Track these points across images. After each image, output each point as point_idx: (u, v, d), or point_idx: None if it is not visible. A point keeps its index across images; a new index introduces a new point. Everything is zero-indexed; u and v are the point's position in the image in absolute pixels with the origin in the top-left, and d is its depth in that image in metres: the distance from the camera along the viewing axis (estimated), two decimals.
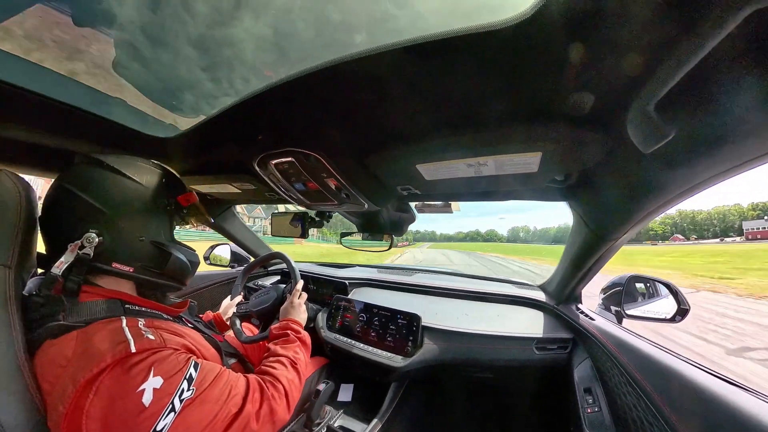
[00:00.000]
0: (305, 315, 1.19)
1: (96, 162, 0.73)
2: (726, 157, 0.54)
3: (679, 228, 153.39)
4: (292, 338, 1.00)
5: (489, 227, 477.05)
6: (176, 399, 0.57)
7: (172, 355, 0.63)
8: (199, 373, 0.64)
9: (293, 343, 0.98)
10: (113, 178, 0.73)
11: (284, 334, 1.01)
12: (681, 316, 1.16)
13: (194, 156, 1.16)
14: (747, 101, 0.44)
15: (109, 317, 0.64)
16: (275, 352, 0.92)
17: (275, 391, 0.77)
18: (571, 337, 1.35)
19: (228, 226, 2.01)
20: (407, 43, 0.49)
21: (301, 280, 1.31)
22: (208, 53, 0.71)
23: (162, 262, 0.77)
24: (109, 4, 0.65)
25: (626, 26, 0.40)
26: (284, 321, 1.08)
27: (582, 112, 0.59)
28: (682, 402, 0.76)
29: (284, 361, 0.89)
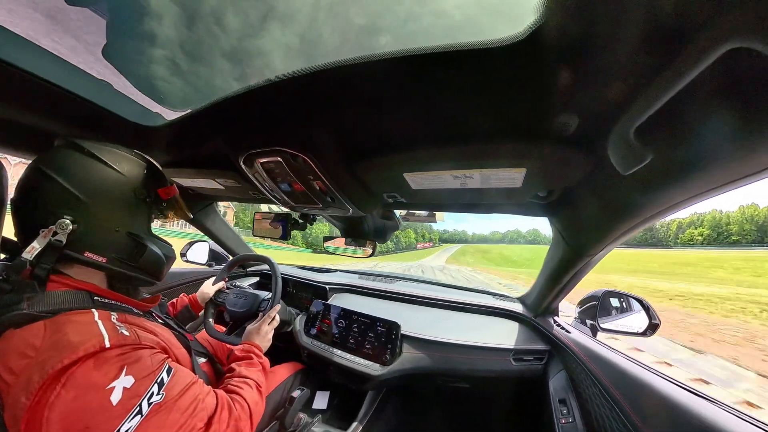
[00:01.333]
0: (269, 343, 1.14)
1: (77, 147, 0.70)
2: (696, 182, 0.57)
3: None
4: (256, 362, 0.98)
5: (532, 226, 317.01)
6: (145, 402, 0.56)
7: (146, 355, 0.61)
8: (171, 378, 0.63)
9: (256, 368, 0.96)
10: (93, 164, 0.70)
11: (248, 357, 0.99)
12: (652, 330, 1.21)
13: (179, 148, 1.13)
14: (717, 133, 0.47)
15: (79, 308, 0.62)
16: (240, 373, 0.91)
17: (242, 412, 0.78)
18: (547, 349, 1.38)
19: (208, 222, 1.95)
20: (402, 54, 0.50)
21: (278, 305, 1.26)
22: (240, 64, 0.72)
23: (137, 254, 0.75)
24: (150, 25, 0.66)
25: (613, 55, 0.43)
26: (247, 344, 1.05)
27: (567, 132, 0.62)
28: (652, 413, 0.79)
29: (251, 383, 0.88)
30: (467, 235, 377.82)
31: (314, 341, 1.53)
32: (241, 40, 0.94)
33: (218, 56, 0.67)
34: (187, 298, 1.40)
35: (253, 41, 1.66)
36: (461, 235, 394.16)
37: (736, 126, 0.44)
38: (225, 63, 0.68)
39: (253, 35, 2.18)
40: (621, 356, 1.03)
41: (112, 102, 0.88)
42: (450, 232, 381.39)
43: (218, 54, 0.67)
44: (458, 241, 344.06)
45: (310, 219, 1.52)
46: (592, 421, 1.01)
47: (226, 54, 0.61)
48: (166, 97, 0.86)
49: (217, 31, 0.74)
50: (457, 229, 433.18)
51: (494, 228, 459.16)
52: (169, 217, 0.92)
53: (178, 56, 0.68)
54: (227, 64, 0.69)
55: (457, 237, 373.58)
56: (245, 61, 0.82)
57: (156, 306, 0.89)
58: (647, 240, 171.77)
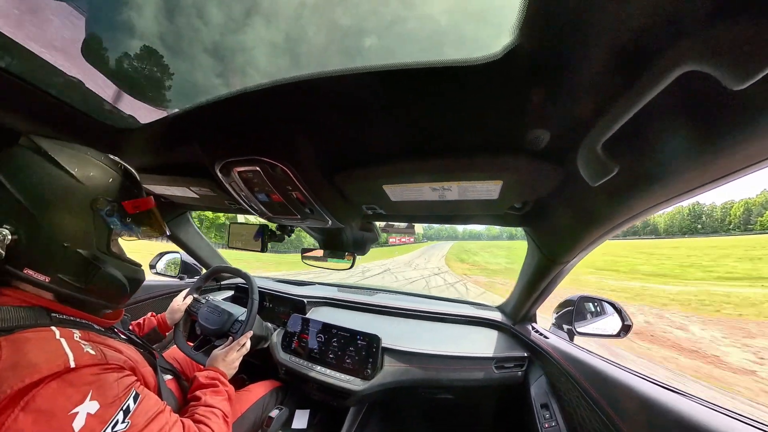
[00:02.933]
0: (234, 371, 1.08)
1: (34, 147, 0.63)
2: (657, 192, 0.62)
3: None
4: (221, 390, 0.93)
5: None
6: (109, 430, 0.52)
7: (113, 378, 0.58)
8: (138, 405, 0.59)
9: (222, 396, 0.91)
10: (47, 168, 0.62)
11: (213, 384, 0.93)
12: (625, 332, 1.26)
13: (152, 152, 1.07)
14: (675, 147, 0.52)
15: (37, 326, 0.56)
16: (206, 402, 0.85)
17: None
18: (526, 356, 1.40)
19: (181, 233, 1.86)
20: (383, 68, 0.51)
21: (250, 331, 1.20)
22: (222, 60, 0.69)
23: (87, 276, 0.67)
24: (128, 15, 0.63)
25: (580, 76, 0.46)
26: (212, 370, 0.99)
27: (539, 146, 0.65)
28: (630, 410, 0.82)
29: (217, 413, 0.83)
30: (457, 231, 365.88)
31: (292, 357, 1.48)
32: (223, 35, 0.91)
33: (200, 51, 0.65)
34: (156, 318, 1.30)
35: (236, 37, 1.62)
36: (450, 230, 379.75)
37: (691, 141, 0.49)
38: (207, 58, 0.66)
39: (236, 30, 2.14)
40: (598, 358, 1.07)
41: (81, 101, 0.81)
42: (435, 228, 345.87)
43: (200, 48, 0.65)
44: (446, 238, 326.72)
45: (288, 230, 1.49)
46: (574, 424, 1.03)
47: (208, 49, 0.59)
48: (145, 96, 0.82)
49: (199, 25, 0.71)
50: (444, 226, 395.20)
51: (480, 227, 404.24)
52: (138, 235, 0.84)
53: (159, 49, 0.65)
54: (209, 59, 0.66)
55: (444, 234, 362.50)
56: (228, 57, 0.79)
57: (118, 322, 0.82)
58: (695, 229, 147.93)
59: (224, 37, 0.66)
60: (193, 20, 0.63)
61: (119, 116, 0.87)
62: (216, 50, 0.68)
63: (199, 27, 0.63)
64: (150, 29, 0.63)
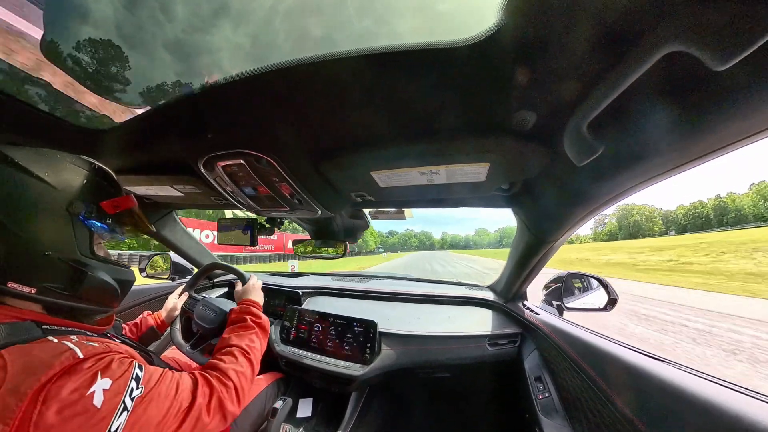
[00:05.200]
0: (262, 300, 1.18)
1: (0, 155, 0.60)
2: (641, 171, 0.63)
3: None
4: (250, 324, 0.98)
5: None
6: (127, 398, 0.57)
7: (116, 359, 0.60)
8: (145, 373, 0.63)
9: (250, 330, 0.96)
10: (16, 176, 0.60)
11: (242, 318, 0.99)
12: (611, 305, 1.31)
13: (131, 152, 1.03)
14: (658, 126, 0.52)
15: (33, 339, 0.56)
16: (228, 342, 0.91)
17: (223, 386, 0.77)
18: (519, 332, 1.45)
19: (168, 233, 1.82)
20: (367, 52, 0.50)
21: (253, 275, 1.29)
22: (184, 59, 0.66)
23: (74, 282, 0.65)
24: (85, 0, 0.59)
25: (565, 57, 0.46)
26: (244, 303, 1.05)
27: (525, 128, 0.65)
28: (616, 378, 0.86)
29: (235, 352, 0.88)
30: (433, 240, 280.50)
31: (291, 348, 1.49)
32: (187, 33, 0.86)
33: (159, 46, 0.62)
34: (152, 317, 1.30)
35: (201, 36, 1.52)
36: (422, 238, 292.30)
37: (674, 121, 0.49)
38: (166, 54, 0.63)
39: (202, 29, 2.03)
40: (586, 331, 1.11)
41: (50, 103, 0.77)
42: (400, 234, 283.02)
43: (160, 43, 0.61)
44: (416, 248, 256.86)
45: (278, 222, 1.47)
46: (566, 393, 1.08)
47: (169, 45, 0.56)
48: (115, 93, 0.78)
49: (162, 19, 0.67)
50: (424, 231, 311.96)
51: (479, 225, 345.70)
52: (126, 233, 0.81)
53: (114, 40, 0.62)
54: (168, 56, 0.63)
55: (414, 243, 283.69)
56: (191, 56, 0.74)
57: (111, 328, 0.81)
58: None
59: (188, 35, 0.63)
60: (156, 13, 0.60)
61: (92, 117, 0.83)
62: (178, 48, 0.65)
63: (162, 21, 0.61)
64: (107, 17, 0.60)
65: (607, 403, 0.84)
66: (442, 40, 0.48)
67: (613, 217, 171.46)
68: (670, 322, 7.66)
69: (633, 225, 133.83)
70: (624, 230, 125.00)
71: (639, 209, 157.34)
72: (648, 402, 0.74)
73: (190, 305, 1.33)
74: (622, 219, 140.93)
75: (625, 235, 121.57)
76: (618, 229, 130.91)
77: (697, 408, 0.63)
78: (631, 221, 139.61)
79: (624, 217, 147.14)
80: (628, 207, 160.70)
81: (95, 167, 0.73)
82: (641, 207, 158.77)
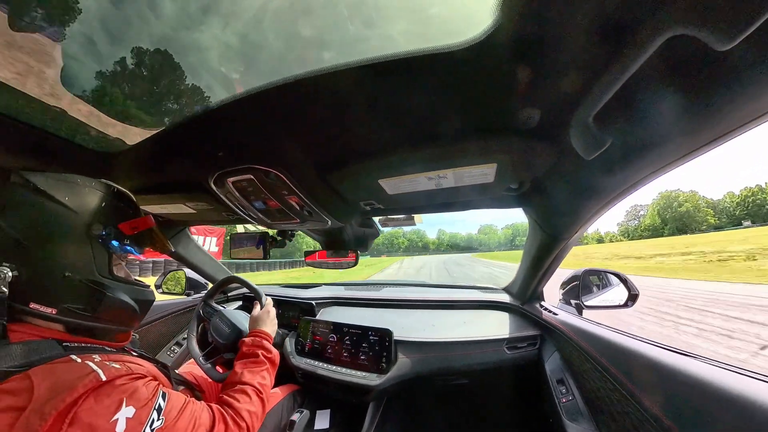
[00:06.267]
0: (275, 327, 1.17)
1: (24, 182, 0.64)
2: (653, 160, 0.62)
3: None
4: (262, 359, 0.98)
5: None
6: (147, 428, 0.57)
7: (141, 384, 0.61)
8: (167, 403, 0.64)
9: (261, 366, 0.96)
10: (38, 201, 0.63)
11: (254, 353, 0.99)
12: (632, 301, 1.27)
13: (144, 173, 1.07)
14: (666, 113, 0.51)
15: (56, 358, 0.58)
16: (241, 378, 0.91)
17: (236, 426, 0.78)
18: (538, 334, 1.41)
19: (182, 250, 1.85)
20: (367, 62, 0.51)
21: (268, 298, 1.27)
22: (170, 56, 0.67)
23: (94, 303, 0.67)
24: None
25: (565, 51, 0.46)
26: (256, 335, 1.05)
27: (531, 125, 0.64)
28: (643, 377, 0.83)
29: (248, 390, 0.88)
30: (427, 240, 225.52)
31: (307, 360, 1.49)
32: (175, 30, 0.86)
33: (146, 43, 0.62)
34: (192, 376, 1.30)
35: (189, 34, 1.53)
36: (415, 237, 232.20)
37: (681, 105, 0.48)
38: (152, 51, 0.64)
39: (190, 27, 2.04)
40: (607, 329, 1.08)
41: (67, 129, 0.80)
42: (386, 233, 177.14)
43: (146, 40, 0.61)
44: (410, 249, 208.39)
45: (289, 235, 1.49)
46: (590, 395, 1.04)
47: (156, 42, 0.56)
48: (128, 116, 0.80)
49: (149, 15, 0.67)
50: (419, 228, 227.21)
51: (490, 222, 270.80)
52: (145, 253, 0.85)
53: (97, 34, 0.60)
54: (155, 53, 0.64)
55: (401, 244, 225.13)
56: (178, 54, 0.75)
57: (128, 343, 0.83)
58: None
59: (176, 33, 0.62)
60: (142, 9, 0.59)
61: (105, 140, 0.86)
62: (165, 45, 0.65)
63: (149, 18, 0.60)
64: (90, 8, 0.58)
65: (635, 403, 0.81)
66: (440, 45, 0.48)
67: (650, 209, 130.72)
68: None
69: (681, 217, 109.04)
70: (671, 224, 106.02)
71: (686, 197, 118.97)
72: (678, 400, 0.71)
73: (207, 314, 1.34)
74: (665, 210, 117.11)
75: (672, 230, 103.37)
76: (662, 224, 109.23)
77: (730, 404, 0.60)
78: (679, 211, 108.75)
79: (668, 207, 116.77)
80: (672, 195, 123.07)
81: (114, 190, 0.75)
82: (689, 194, 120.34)
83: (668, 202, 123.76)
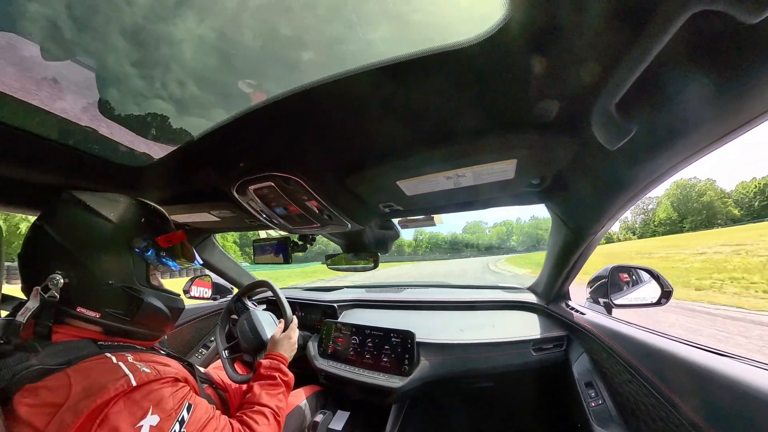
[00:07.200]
0: (295, 351, 1.15)
1: (73, 199, 0.73)
2: (682, 147, 0.59)
3: None
4: (279, 382, 0.97)
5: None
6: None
7: (168, 393, 0.64)
8: (191, 415, 0.66)
9: (279, 389, 0.95)
10: (83, 215, 0.72)
11: (272, 376, 0.98)
12: (666, 298, 1.21)
13: (170, 184, 1.12)
14: (695, 96, 0.48)
15: (93, 355, 0.63)
16: (259, 400, 0.90)
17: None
18: (565, 335, 1.36)
19: (207, 255, 1.93)
20: (381, 64, 0.51)
21: (294, 317, 1.25)
22: (142, 47, 0.64)
23: (132, 309, 0.74)
24: None
25: (581, 37, 0.44)
26: (274, 358, 1.04)
27: (549, 118, 0.63)
28: (679, 380, 0.78)
29: (267, 413, 0.88)
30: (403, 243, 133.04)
31: (330, 362, 1.51)
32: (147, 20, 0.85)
33: (115, 31, 0.60)
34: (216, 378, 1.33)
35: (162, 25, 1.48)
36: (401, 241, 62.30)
37: (711, 86, 0.46)
38: (122, 41, 0.62)
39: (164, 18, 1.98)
40: (639, 329, 1.03)
41: (98, 147, 0.87)
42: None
43: (116, 29, 0.59)
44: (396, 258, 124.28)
45: (310, 239, 1.52)
46: (622, 399, 0.99)
47: (126, 31, 0.56)
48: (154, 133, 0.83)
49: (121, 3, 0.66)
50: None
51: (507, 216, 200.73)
52: (178, 264, 0.89)
53: (62, 19, 0.57)
54: (124, 43, 0.62)
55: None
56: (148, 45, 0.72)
57: (157, 342, 0.89)
58: None
59: (148, 23, 0.61)
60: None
61: (133, 156, 0.92)
62: (135, 35, 0.63)
63: (120, 5, 0.58)
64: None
65: (670, 408, 0.77)
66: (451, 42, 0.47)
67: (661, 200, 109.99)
68: None
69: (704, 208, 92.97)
70: (693, 216, 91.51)
71: (703, 187, 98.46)
72: (717, 404, 0.67)
73: (238, 309, 1.37)
74: (682, 202, 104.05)
75: (694, 224, 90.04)
76: (679, 218, 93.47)
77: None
78: (701, 202, 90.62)
79: (685, 199, 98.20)
80: (689, 184, 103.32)
81: (151, 208, 0.83)
82: (708, 183, 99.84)
83: (686, 192, 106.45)
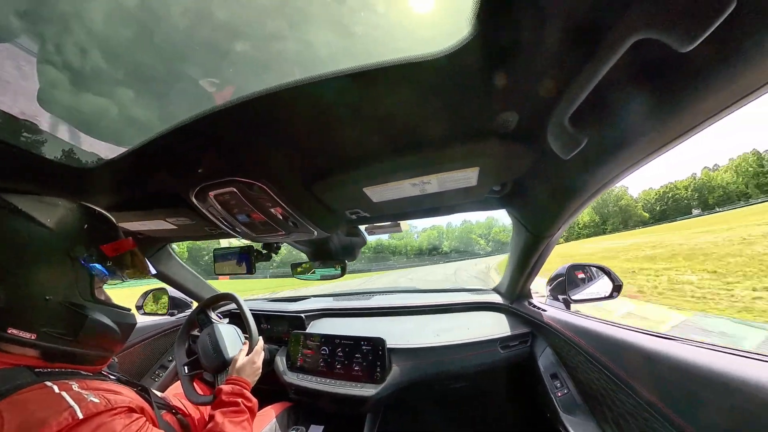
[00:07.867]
0: (258, 376, 1.07)
1: (3, 204, 0.62)
2: (626, 156, 0.65)
3: None
4: (243, 408, 0.90)
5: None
6: None
7: (122, 424, 0.57)
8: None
9: (242, 416, 0.88)
10: (13, 221, 0.61)
11: (235, 402, 0.90)
12: (617, 291, 1.32)
13: (121, 188, 1.02)
14: (637, 112, 0.54)
15: (29, 385, 0.54)
16: (222, 428, 0.82)
17: None
18: (529, 331, 1.43)
19: (163, 267, 1.79)
20: (349, 71, 0.51)
21: (260, 339, 1.17)
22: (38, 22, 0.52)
23: (76, 327, 0.65)
24: None
25: (540, 56, 0.48)
26: (235, 383, 0.96)
27: (509, 128, 0.67)
28: (634, 365, 0.85)
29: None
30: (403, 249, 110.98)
31: (300, 375, 1.45)
32: None
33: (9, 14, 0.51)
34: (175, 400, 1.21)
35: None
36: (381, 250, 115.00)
37: (651, 104, 0.51)
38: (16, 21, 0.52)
39: None
40: (594, 321, 1.11)
41: (37, 145, 0.76)
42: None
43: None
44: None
45: (274, 248, 1.46)
46: (585, 387, 1.06)
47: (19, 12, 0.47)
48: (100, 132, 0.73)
49: None
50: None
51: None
52: (126, 275, 0.81)
53: None
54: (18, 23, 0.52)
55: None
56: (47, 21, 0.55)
57: (106, 367, 0.79)
58: None
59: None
60: None
61: (79, 155, 0.83)
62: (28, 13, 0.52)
63: None
64: None
65: (629, 391, 0.83)
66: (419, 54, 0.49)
67: None
68: None
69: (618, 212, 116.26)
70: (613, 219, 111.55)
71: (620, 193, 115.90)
72: (668, 384, 0.73)
73: (201, 323, 1.29)
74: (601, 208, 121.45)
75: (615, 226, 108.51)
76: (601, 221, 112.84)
77: (713, 382, 0.63)
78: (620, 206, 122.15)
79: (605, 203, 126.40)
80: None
81: (95, 212, 0.75)
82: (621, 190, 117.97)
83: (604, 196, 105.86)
